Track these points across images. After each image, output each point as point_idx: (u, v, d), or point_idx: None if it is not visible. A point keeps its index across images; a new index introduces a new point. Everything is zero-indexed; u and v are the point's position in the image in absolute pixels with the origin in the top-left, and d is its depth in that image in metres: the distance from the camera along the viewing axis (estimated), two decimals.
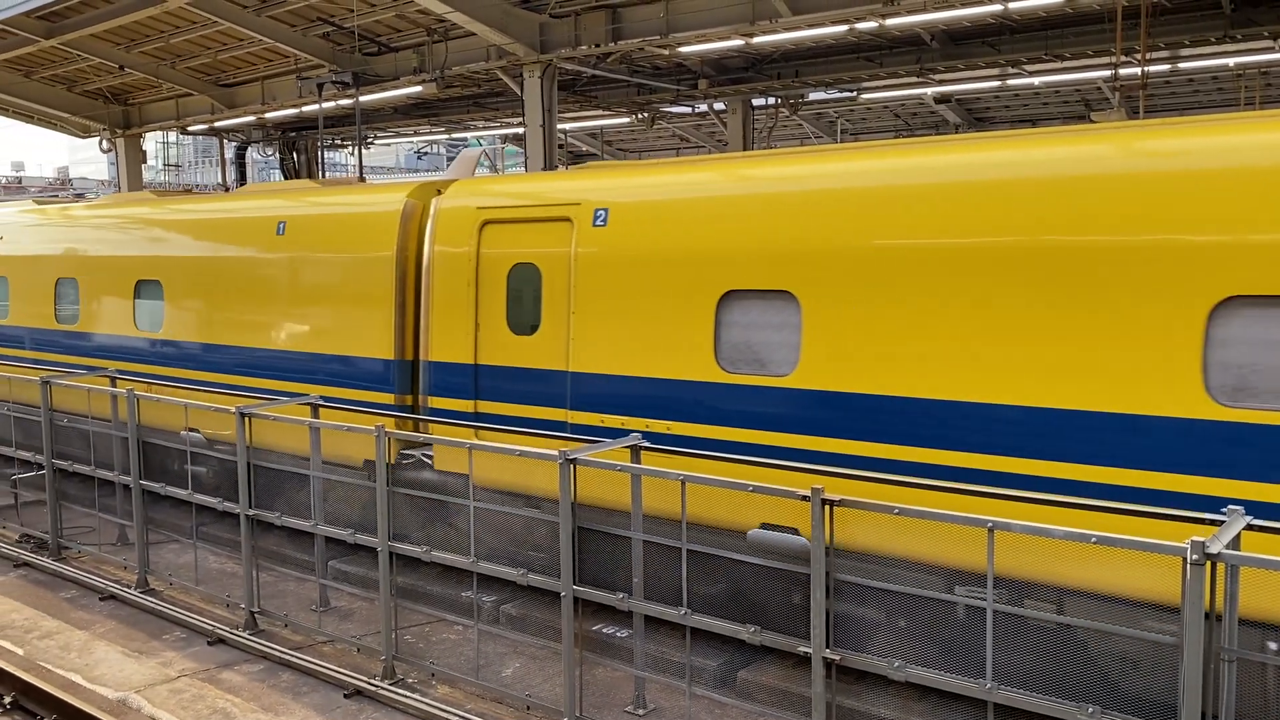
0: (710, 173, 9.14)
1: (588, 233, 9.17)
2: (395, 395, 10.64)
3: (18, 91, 27.56)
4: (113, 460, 11.08)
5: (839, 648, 6.11)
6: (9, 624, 9.88)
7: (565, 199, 9.53)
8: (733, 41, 17.91)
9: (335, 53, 21.91)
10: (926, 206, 7.38)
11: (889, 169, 7.81)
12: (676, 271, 8.57)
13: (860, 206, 7.72)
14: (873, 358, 7.49)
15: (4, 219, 16.79)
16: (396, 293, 10.58)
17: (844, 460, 7.42)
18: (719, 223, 8.42)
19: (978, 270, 7.04)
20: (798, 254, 7.90)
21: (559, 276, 9.33)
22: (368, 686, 8.18)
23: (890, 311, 7.40)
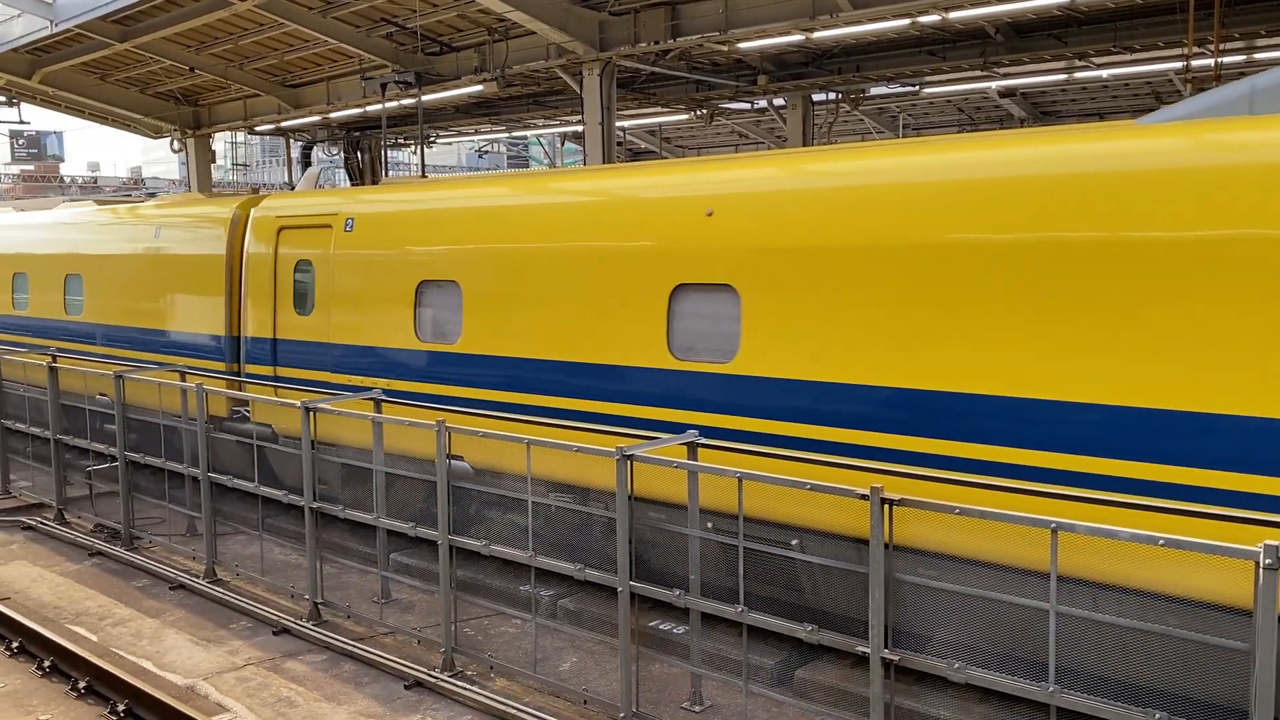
0: (419, 192, 12.00)
1: (341, 236, 11.72)
2: (226, 364, 13.15)
3: (94, 94, 28.39)
4: (183, 452, 11.36)
5: (898, 648, 6.05)
6: (84, 611, 10.18)
7: (329, 210, 12.09)
8: (792, 37, 17.80)
9: (398, 53, 22.20)
10: (574, 215, 9.88)
11: (541, 188, 10.86)
12: (393, 265, 11.10)
13: (503, 221, 10.29)
14: (513, 332, 9.85)
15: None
16: (226, 283, 13.12)
17: (497, 405, 9.63)
18: (417, 229, 11.04)
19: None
20: (464, 255, 10.40)
21: (324, 269, 11.90)
22: (428, 678, 8.28)
23: (511, 292, 9.92)
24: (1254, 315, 5.98)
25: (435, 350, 10.59)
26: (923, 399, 7.20)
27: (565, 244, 9.57)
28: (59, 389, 13.13)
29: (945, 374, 7.12)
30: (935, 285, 7.18)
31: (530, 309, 9.71)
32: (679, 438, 7.55)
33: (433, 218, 11.13)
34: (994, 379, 6.93)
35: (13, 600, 10.31)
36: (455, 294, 10.39)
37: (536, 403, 9.48)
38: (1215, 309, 6.11)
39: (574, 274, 9.40)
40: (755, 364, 8.10)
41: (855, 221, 7.70)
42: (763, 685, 7.63)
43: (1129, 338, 6.40)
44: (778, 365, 7.96)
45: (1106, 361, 6.49)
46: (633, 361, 8.81)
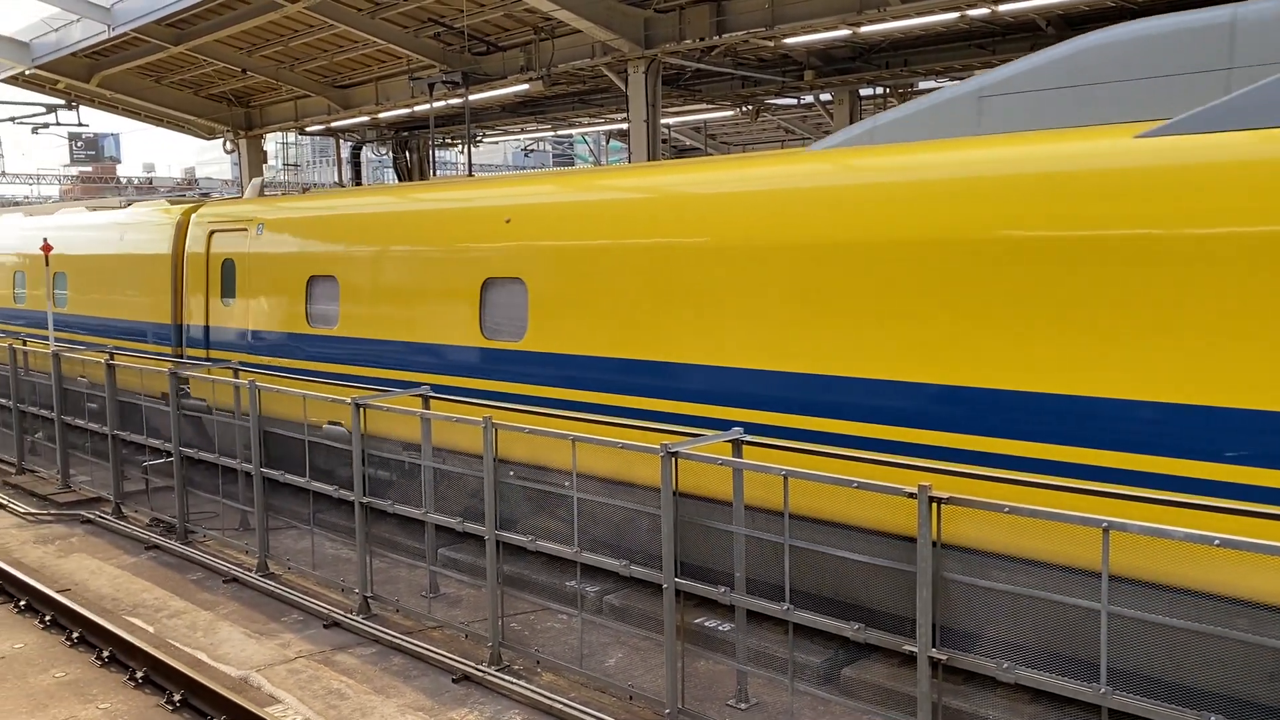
0: (311, 202, 14.71)
1: (253, 239, 14.03)
2: (173, 348, 15.39)
3: (149, 96, 28.96)
4: (235, 448, 11.57)
5: (946, 647, 6.00)
6: (141, 603, 10.41)
7: (246, 217, 14.37)
8: (839, 31, 17.68)
9: (446, 53, 22.39)
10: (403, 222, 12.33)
11: (398, 198, 13.45)
12: (290, 263, 13.38)
13: (368, 226, 12.69)
14: (376, 318, 12.21)
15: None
16: (173, 279, 15.45)
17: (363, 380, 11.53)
18: (307, 233, 13.49)
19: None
20: (340, 254, 12.74)
21: (241, 267, 14.18)
22: (475, 672, 8.36)
23: (375, 285, 12.28)
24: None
25: (320, 334, 12.93)
26: (646, 367, 9.42)
27: (410, 246, 11.95)
28: (116, 385, 13.44)
29: (658, 347, 9.31)
30: (654, 278, 9.30)
31: (386, 299, 12.18)
32: (724, 435, 7.55)
33: (318, 223, 13.63)
34: (685, 350, 9.11)
35: (73, 592, 10.57)
36: (335, 287, 12.75)
37: (379, 375, 11.87)
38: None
39: (413, 270, 11.83)
40: (539, 342, 10.25)
41: (607, 227, 9.97)
42: (809, 683, 7.61)
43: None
44: (555, 343, 10.12)
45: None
46: (451, 341, 11.29)
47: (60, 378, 14.87)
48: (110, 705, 8.08)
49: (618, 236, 9.80)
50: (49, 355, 15.16)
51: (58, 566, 11.66)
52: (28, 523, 13.64)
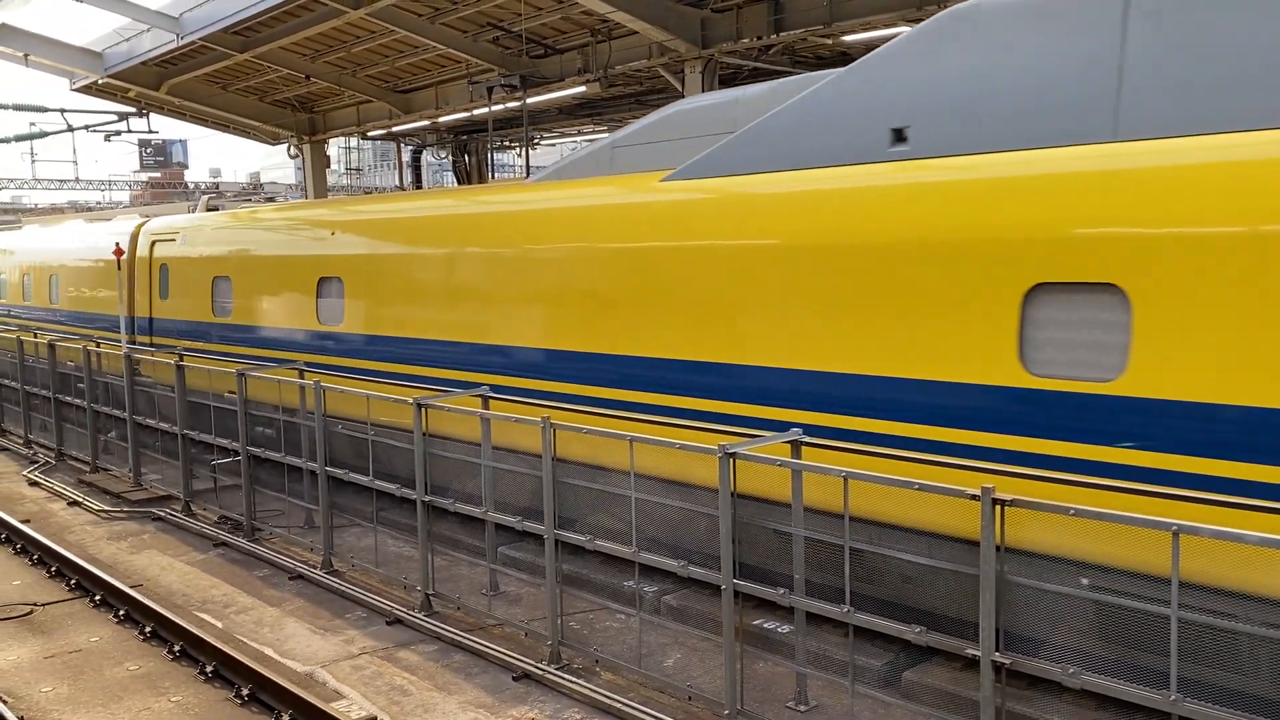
0: (217, 216, 18.14)
1: (178, 246, 17.84)
2: (126, 337, 18.30)
3: (216, 103, 29.62)
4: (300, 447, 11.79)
5: (1010, 651, 5.92)
6: (209, 599, 10.66)
7: (176, 228, 18.19)
8: (899, 28, 17.48)
9: (504, 56, 22.57)
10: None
11: (272, 216, 17.10)
12: (204, 265, 16.98)
13: (254, 237, 16.39)
14: (259, 309, 15.64)
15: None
16: (126, 279, 18.73)
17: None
18: (212, 242, 17.11)
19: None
20: (234, 258, 16.41)
21: (172, 269, 17.99)
22: (535, 670, 8.43)
23: (257, 283, 15.76)
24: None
25: (221, 322, 16.56)
26: (407, 343, 12.80)
27: (273, 253, 15.72)
28: (185, 385, 13.77)
29: (415, 326, 12.69)
30: (425, 276, 12.68)
31: (264, 294, 15.59)
32: (782, 436, 7.52)
33: (220, 234, 17.20)
34: (425, 328, 12.50)
35: (144, 587, 10.85)
36: (229, 284, 16.34)
37: (264, 354, 15.03)
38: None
39: (275, 271, 15.47)
40: (354, 326, 13.61)
41: (393, 240, 13.50)
42: (869, 686, 7.54)
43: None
44: (367, 327, 13.43)
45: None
46: (299, 325, 14.70)
47: (132, 378, 15.27)
48: (181, 698, 8.28)
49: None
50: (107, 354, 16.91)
51: (130, 562, 11.98)
52: (102, 520, 14.03)
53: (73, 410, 17.60)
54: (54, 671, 8.86)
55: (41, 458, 18.03)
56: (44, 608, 10.49)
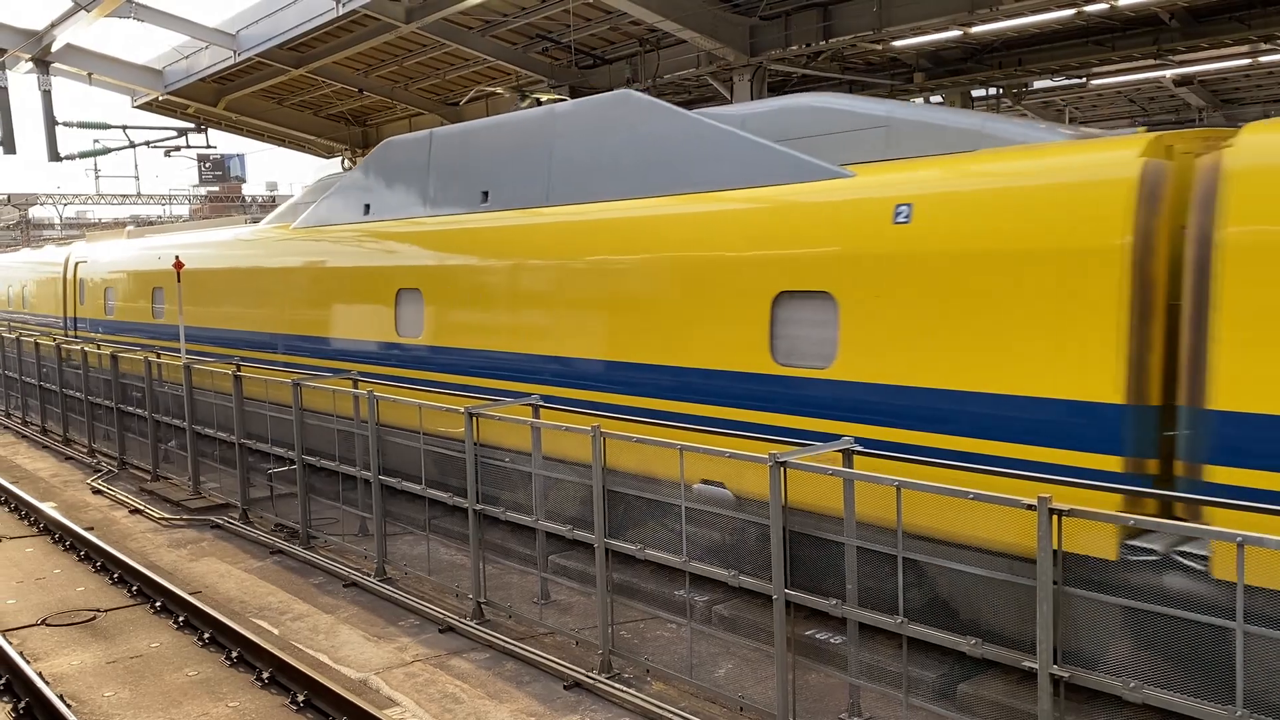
0: (106, 241, 24.83)
1: (85, 266, 24.05)
2: (63, 330, 25.23)
3: (272, 118, 30.17)
4: (354, 456, 11.93)
5: (1068, 663, 5.80)
6: (266, 606, 10.81)
7: (85, 255, 24.43)
8: (950, 32, 17.34)
9: (553, 68, 22.73)
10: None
11: (150, 245, 21.79)
12: (96, 279, 23.09)
13: (135, 258, 21.83)
14: (139, 309, 21.51)
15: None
16: (63, 288, 25.69)
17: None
18: (100, 263, 23.23)
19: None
20: (114, 276, 22.44)
21: (87, 281, 23.94)
22: (586, 679, 8.43)
23: (137, 291, 21.79)
24: None
25: (107, 319, 22.71)
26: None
27: (129, 270, 21.89)
28: (242, 395, 14.02)
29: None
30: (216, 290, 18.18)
31: (133, 299, 21.62)
32: (834, 445, 7.46)
33: (103, 259, 23.47)
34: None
35: (203, 594, 11.04)
36: (115, 292, 22.46)
37: (146, 341, 20.40)
38: None
39: (132, 284, 21.50)
40: (172, 319, 18.38)
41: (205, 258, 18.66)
42: (923, 698, 7.45)
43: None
44: (196, 320, 17.93)
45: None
46: (146, 320, 20.82)
47: (191, 389, 15.57)
48: (239, 704, 8.40)
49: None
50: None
51: (190, 569, 12.20)
52: (162, 527, 14.31)
53: (134, 420, 17.98)
54: (116, 676, 9.04)
55: (104, 466, 18.46)
56: (107, 613, 10.71)
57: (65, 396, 20.86)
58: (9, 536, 14.02)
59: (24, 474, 18.20)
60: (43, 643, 9.91)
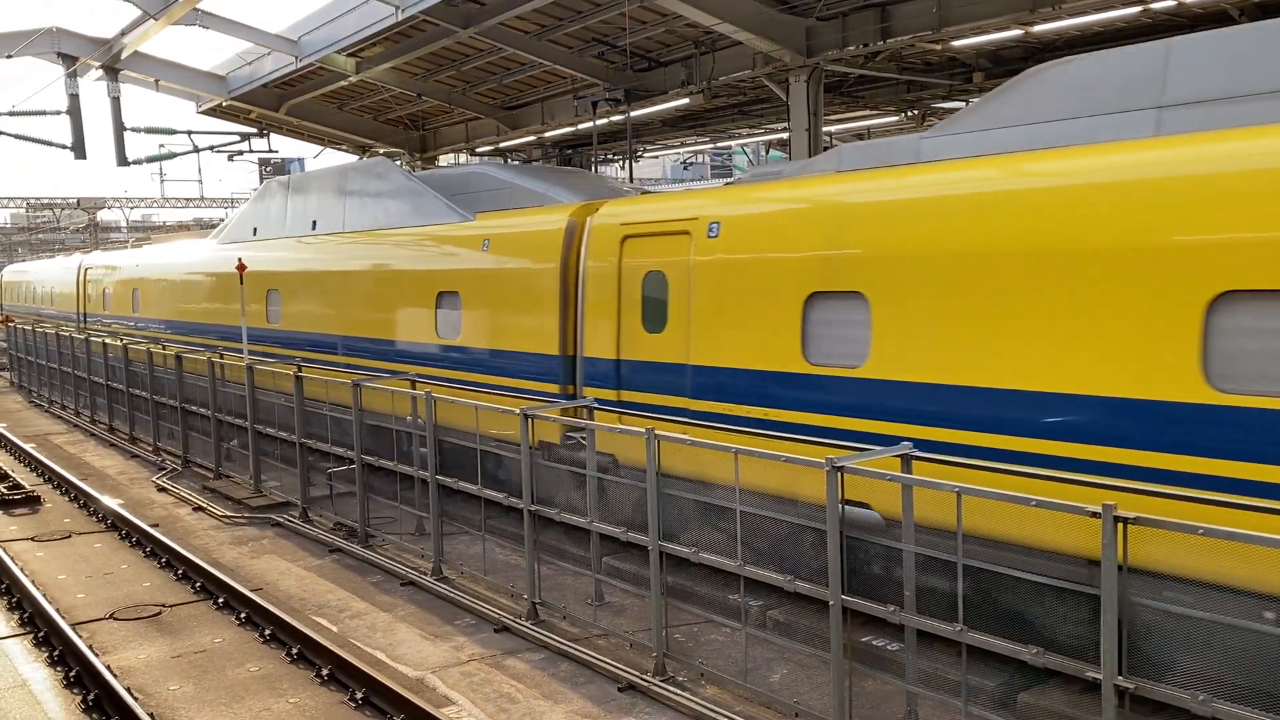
0: (124, 250, 32.12)
1: (92, 272, 30.97)
2: (77, 323, 31.14)
3: (331, 122, 30.63)
4: (412, 456, 12.07)
5: (1134, 675, 5.68)
6: (325, 604, 10.97)
7: (91, 263, 31.70)
8: (1011, 32, 17.06)
9: (609, 71, 22.78)
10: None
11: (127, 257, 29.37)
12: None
13: (111, 269, 29.96)
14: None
15: None
16: (77, 289, 32.25)
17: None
18: (104, 270, 30.21)
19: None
20: (108, 278, 29.59)
21: (91, 284, 30.92)
22: (640, 681, 8.43)
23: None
24: None
25: (113, 314, 27.62)
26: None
27: (121, 277, 28.15)
28: (304, 395, 14.25)
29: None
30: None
31: (124, 299, 27.80)
32: (891, 450, 7.38)
33: (104, 264, 29.88)
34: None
35: (264, 591, 11.23)
36: (108, 293, 29.05)
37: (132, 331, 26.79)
38: None
39: (123, 285, 27.73)
40: (149, 313, 25.38)
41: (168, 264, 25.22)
42: (983, 707, 7.33)
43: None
44: (157, 313, 24.83)
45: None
46: (125, 313, 27.59)
47: (254, 389, 15.86)
48: (299, 700, 8.53)
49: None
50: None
51: (251, 567, 12.42)
52: (224, 525, 14.59)
53: (197, 419, 18.36)
54: (181, 670, 9.24)
55: (169, 464, 18.87)
56: (171, 609, 10.95)
57: (131, 396, 21.36)
58: (79, 532, 14.40)
59: (93, 471, 18.68)
60: (110, 636, 10.16)
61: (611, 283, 11.47)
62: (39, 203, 65.65)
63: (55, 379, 27.27)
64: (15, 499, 16.10)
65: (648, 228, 11.21)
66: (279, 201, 20.08)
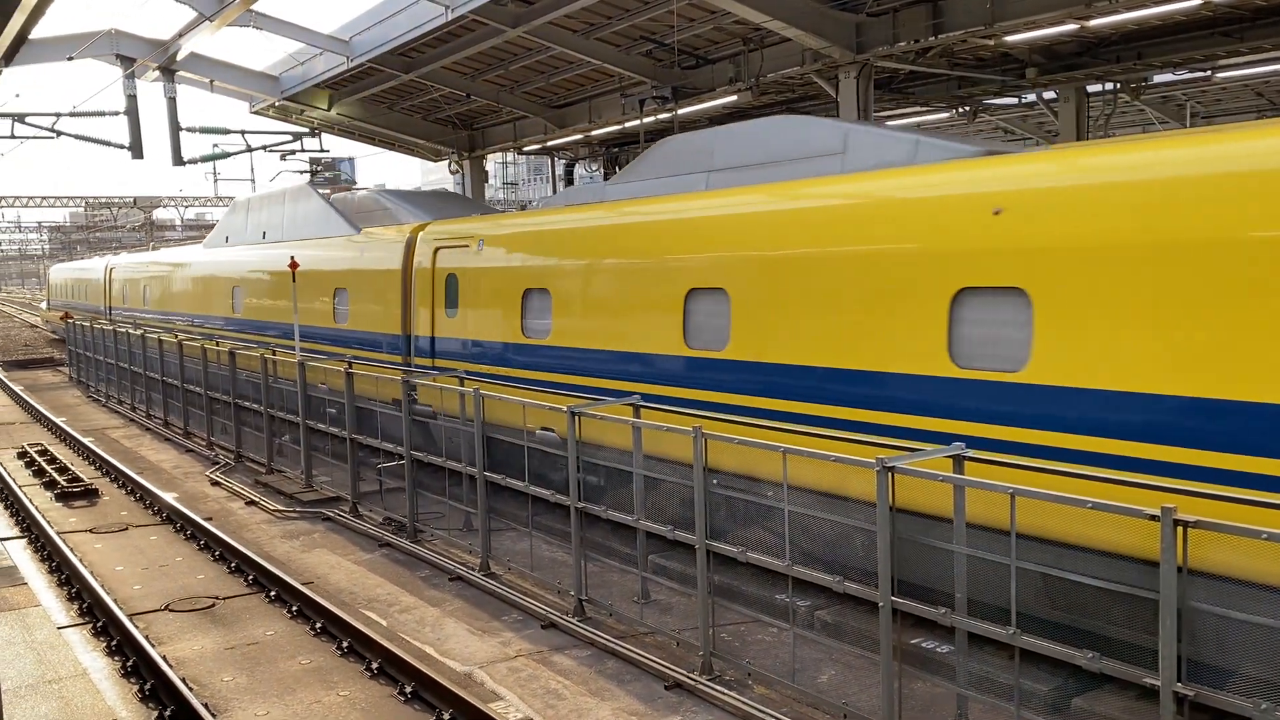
0: (144, 253, 40.48)
1: (115, 271, 37.12)
2: (105, 316, 35.85)
3: (382, 122, 30.93)
4: (460, 452, 12.16)
5: (1193, 682, 5.56)
6: (375, 598, 11.08)
7: (115, 264, 37.54)
8: (1066, 26, 16.77)
9: (656, 69, 22.76)
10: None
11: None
12: (123, 280, 35.57)
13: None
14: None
15: None
16: (104, 287, 38.53)
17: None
18: (126, 270, 35.79)
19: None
20: (136, 276, 34.39)
21: (115, 282, 37.02)
22: (687, 680, 8.42)
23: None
24: None
25: (129, 307, 33.53)
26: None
27: (137, 274, 34.18)
28: (354, 391, 14.40)
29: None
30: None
31: (152, 292, 32.21)
32: (944, 450, 7.29)
33: (125, 264, 35.82)
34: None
35: (315, 585, 11.37)
36: (135, 289, 33.63)
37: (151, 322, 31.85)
38: None
39: (144, 283, 32.73)
40: (152, 306, 31.64)
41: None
42: (1035, 712, 7.22)
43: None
44: (158, 306, 30.68)
45: None
46: (140, 306, 33.36)
47: (305, 385, 16.07)
48: (349, 693, 8.63)
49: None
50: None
51: (302, 560, 12.58)
52: (276, 519, 14.80)
53: (250, 415, 18.65)
54: (234, 662, 9.38)
55: (222, 459, 19.18)
56: (225, 601, 11.12)
57: (186, 391, 21.75)
58: (135, 525, 14.69)
59: (148, 465, 19.05)
60: (166, 627, 10.34)
61: (428, 281, 15.95)
62: (97, 202, 67.09)
63: (112, 374, 27.86)
64: (75, 491, 16.47)
65: (450, 241, 15.52)
66: (242, 216, 25.42)
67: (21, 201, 67.36)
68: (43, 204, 67.83)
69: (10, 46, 19.74)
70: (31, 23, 15.58)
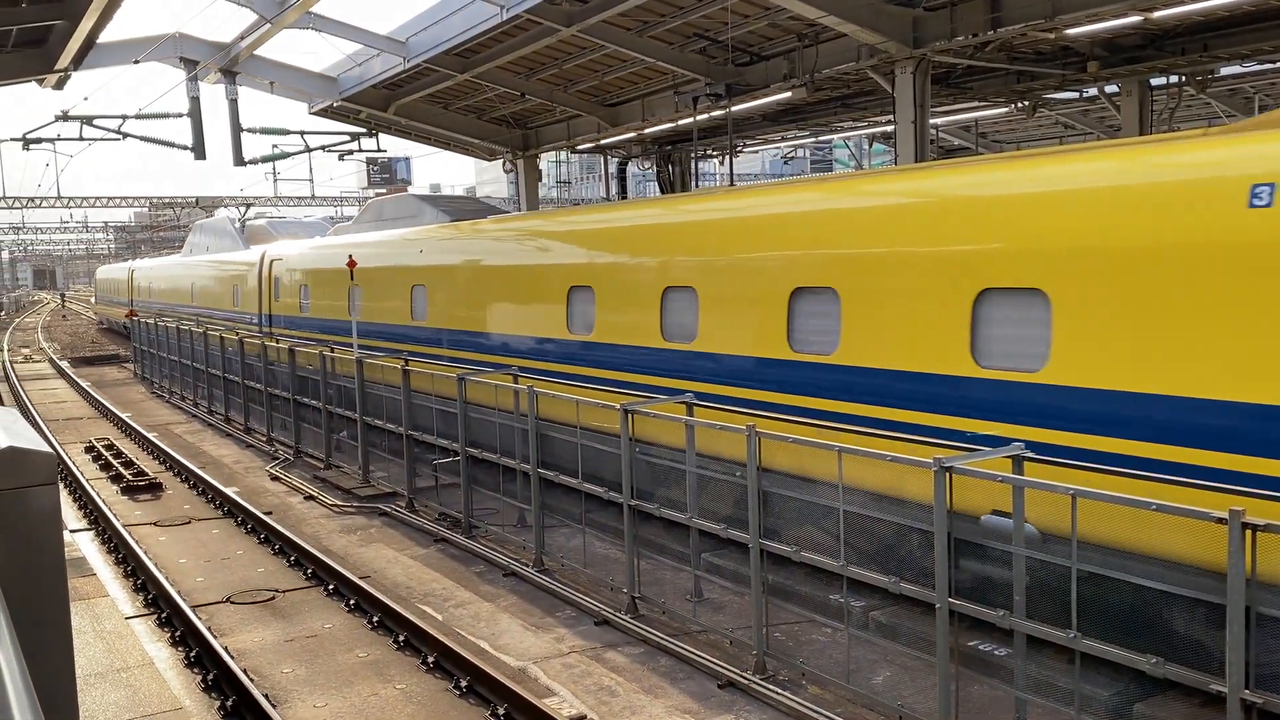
0: (145, 262, 55.12)
1: (138, 272, 51.18)
2: (129, 310, 45.22)
3: (437, 122, 31.24)
4: (514, 448, 12.25)
5: (1262, 689, 5.42)
6: (431, 592, 11.21)
7: (136, 266, 53.90)
8: (1129, 18, 16.43)
9: (710, 66, 22.70)
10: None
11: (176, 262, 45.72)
12: (143, 282, 48.96)
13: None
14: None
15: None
16: (129, 285, 52.61)
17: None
18: (147, 272, 49.51)
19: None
20: (151, 278, 47.51)
21: (138, 281, 50.60)
22: (740, 679, 8.40)
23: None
24: None
25: (149, 301, 45.34)
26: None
27: (155, 273, 47.18)
28: (411, 389, 14.60)
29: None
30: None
31: (161, 291, 44.61)
32: (1001, 451, 7.19)
33: (145, 267, 49.99)
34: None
35: (372, 579, 11.53)
36: (150, 287, 47.07)
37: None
38: None
39: (161, 286, 45.15)
40: (155, 300, 45.37)
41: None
42: (1096, 717, 7.10)
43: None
44: (160, 300, 43.72)
45: None
46: (151, 301, 46.24)
47: (363, 382, 16.29)
48: (405, 686, 8.74)
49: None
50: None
51: (359, 555, 12.76)
52: (334, 514, 15.03)
53: (309, 411, 18.95)
54: (293, 654, 9.55)
55: (281, 454, 19.52)
56: (284, 594, 11.32)
57: (247, 388, 22.16)
58: (198, 518, 15.00)
59: (210, 460, 19.44)
60: (228, 619, 10.55)
61: (269, 280, 26.76)
62: (160, 202, 68.59)
63: (174, 371, 28.48)
64: (140, 485, 16.87)
65: (278, 256, 26.60)
66: (199, 235, 38.20)
67: (89, 202, 69.12)
68: (109, 204, 69.53)
69: (79, 50, 20.30)
70: (100, 27, 15.93)
